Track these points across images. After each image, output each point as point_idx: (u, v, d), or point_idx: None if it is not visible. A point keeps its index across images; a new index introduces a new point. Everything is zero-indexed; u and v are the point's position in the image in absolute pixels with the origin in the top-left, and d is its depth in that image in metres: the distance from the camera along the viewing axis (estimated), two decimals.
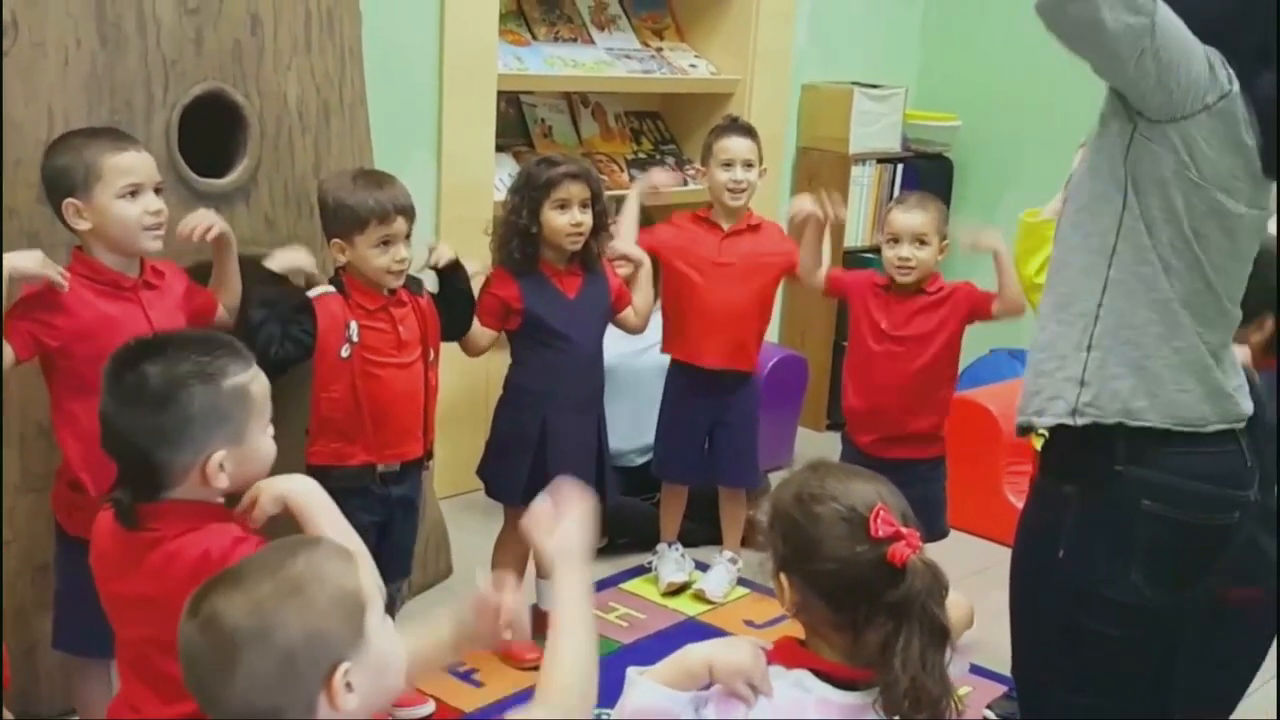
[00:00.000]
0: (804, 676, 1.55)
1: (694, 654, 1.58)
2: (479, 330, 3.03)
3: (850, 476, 1.61)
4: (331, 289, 2.66)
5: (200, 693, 1.29)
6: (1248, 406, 1.96)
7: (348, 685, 1.28)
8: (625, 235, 3.32)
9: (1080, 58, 1.82)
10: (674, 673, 1.58)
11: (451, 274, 2.91)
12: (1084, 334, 1.93)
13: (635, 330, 3.30)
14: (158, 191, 2.37)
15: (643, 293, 3.27)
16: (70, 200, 2.29)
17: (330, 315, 2.63)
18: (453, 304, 2.91)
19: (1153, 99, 1.81)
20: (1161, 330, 1.88)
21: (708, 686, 1.57)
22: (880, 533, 1.51)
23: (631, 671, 1.60)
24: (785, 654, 1.60)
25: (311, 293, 2.64)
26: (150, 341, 1.79)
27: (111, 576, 1.80)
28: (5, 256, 2.22)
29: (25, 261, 2.23)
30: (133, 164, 2.32)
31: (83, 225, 2.30)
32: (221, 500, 1.79)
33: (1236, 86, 1.81)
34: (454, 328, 2.94)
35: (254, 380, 1.77)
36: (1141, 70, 1.77)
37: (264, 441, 1.79)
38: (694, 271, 3.39)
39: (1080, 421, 1.92)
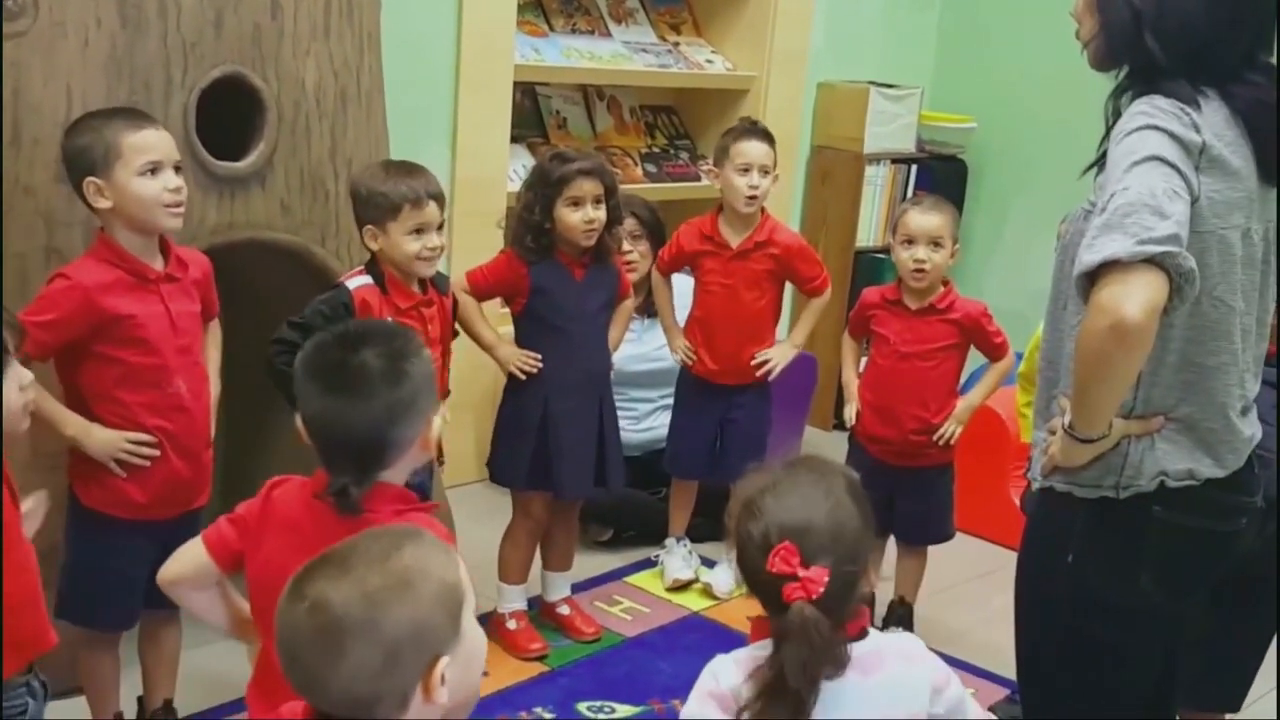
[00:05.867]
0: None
1: None
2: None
3: (796, 491, 1.61)
4: (369, 280, 2.66)
5: (299, 675, 1.29)
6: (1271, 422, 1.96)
7: (442, 678, 1.29)
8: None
9: None
10: None
11: None
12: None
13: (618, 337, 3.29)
14: (178, 170, 2.36)
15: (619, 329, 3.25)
16: (91, 179, 2.29)
17: (366, 309, 2.62)
18: None
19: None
20: (1194, 410, 1.86)
21: None
22: (775, 569, 1.54)
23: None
24: (760, 630, 1.63)
25: (351, 284, 2.64)
26: (339, 337, 1.84)
27: (301, 549, 1.79)
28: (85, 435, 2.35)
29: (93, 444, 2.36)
30: (152, 142, 2.32)
31: (103, 204, 2.30)
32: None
33: (1205, 135, 1.76)
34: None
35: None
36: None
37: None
38: (705, 292, 3.40)
39: (1124, 495, 1.90)
